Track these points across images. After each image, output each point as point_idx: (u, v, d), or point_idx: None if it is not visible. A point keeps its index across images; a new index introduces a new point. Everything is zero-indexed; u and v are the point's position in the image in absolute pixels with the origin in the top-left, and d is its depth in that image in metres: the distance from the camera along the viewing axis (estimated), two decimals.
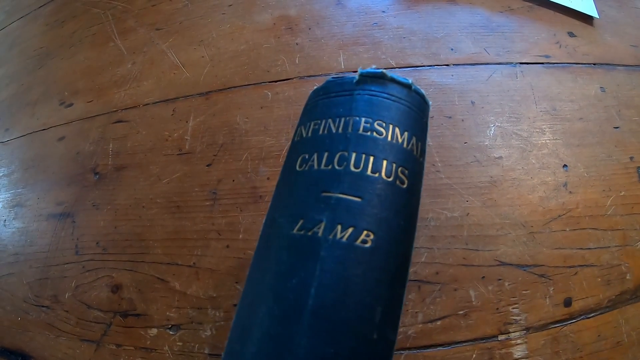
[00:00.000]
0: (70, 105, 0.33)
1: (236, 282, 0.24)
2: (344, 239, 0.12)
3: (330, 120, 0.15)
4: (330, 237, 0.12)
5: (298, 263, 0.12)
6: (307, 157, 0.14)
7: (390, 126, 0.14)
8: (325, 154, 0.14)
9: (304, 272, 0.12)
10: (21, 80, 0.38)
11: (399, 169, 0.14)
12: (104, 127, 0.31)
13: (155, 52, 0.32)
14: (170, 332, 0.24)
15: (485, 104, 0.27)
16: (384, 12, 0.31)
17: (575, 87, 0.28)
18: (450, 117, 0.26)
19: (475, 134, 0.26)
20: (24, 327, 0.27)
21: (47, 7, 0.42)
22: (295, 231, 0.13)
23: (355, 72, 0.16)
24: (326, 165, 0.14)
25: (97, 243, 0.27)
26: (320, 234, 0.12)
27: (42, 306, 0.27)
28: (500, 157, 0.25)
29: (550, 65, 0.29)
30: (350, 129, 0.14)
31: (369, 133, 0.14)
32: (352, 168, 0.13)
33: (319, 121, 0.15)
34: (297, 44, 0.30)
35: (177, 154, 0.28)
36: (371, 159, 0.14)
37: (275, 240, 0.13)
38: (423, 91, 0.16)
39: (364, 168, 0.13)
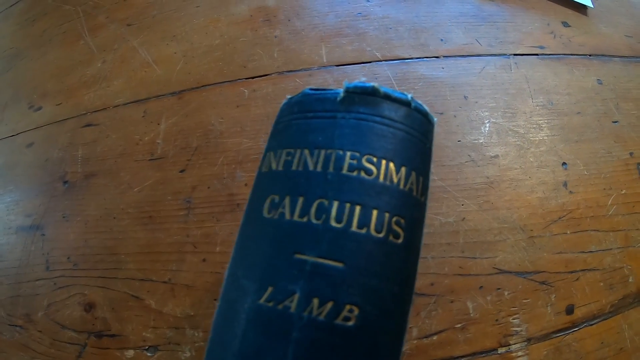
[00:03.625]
0: (39, 108, 0.29)
1: (214, 300, 0.20)
2: (322, 317, 0.09)
3: (306, 152, 0.11)
4: (305, 313, 0.09)
5: (266, 344, 0.09)
6: (277, 200, 0.11)
7: (383, 162, 0.11)
8: (300, 200, 0.10)
9: (273, 357, 0.09)
10: None
11: (394, 219, 0.10)
12: (73, 132, 0.26)
13: (126, 49, 0.28)
14: (148, 354, 0.20)
15: (478, 98, 0.23)
16: (368, 1, 0.27)
17: (571, 79, 0.25)
18: (442, 113, 0.23)
19: (469, 131, 0.22)
20: None
21: (18, 5, 0.37)
22: (262, 301, 0.10)
23: (340, 82, 0.12)
24: (300, 216, 0.10)
25: (67, 258, 0.23)
26: (292, 309, 0.09)
27: (16, 326, 0.24)
28: (497, 156, 0.22)
29: (545, 56, 0.25)
30: (331, 167, 0.10)
31: (355, 173, 0.10)
32: (333, 222, 0.10)
33: (293, 151, 0.11)
34: (275, 36, 0.26)
35: (149, 160, 0.24)
36: (357, 209, 0.10)
37: (240, 309, 0.10)
38: (426, 108, 0.12)
39: (347, 222, 0.10)
